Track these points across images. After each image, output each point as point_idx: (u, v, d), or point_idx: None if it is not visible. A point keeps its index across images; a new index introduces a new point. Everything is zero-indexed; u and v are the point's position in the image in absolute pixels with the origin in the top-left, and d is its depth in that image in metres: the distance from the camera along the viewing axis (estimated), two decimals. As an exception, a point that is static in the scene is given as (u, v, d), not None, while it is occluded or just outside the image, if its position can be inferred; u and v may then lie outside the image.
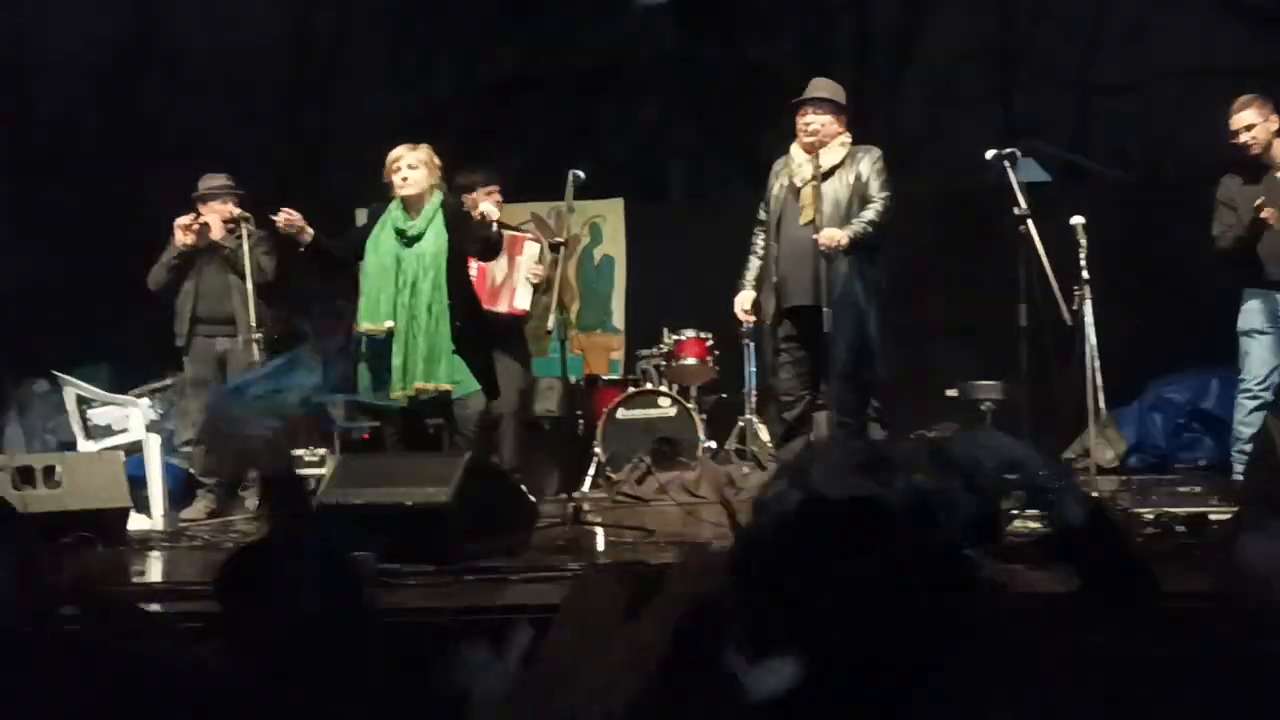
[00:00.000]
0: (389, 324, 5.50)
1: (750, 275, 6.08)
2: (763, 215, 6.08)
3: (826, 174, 5.81)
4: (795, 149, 5.99)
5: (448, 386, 5.50)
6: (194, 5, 10.33)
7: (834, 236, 5.55)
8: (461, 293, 5.66)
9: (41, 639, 2.11)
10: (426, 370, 5.46)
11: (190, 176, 6.68)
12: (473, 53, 12.52)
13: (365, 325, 5.58)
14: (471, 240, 5.65)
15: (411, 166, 5.61)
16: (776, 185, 6.00)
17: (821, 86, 6.03)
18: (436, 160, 5.70)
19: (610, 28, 12.73)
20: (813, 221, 5.70)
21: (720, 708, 1.55)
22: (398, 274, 5.54)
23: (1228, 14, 11.11)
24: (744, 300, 6.08)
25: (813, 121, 5.87)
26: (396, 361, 5.49)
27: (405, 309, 5.51)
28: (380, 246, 5.62)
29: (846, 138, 5.95)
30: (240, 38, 10.42)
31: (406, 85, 12.09)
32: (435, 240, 5.58)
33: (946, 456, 2.33)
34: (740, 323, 6.31)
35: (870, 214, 5.72)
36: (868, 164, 5.85)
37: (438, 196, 5.67)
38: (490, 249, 5.81)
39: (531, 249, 6.66)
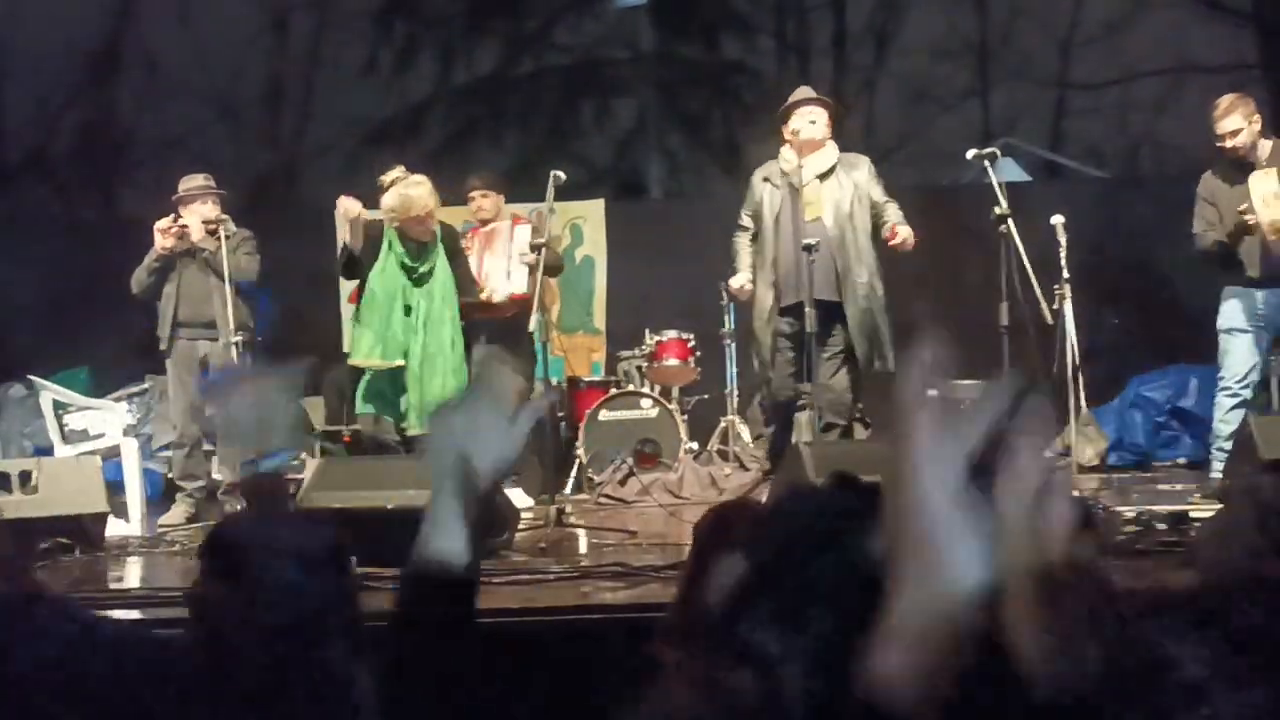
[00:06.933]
0: (399, 363, 5.46)
1: (746, 262, 6.07)
2: (746, 220, 6.09)
3: (825, 174, 5.87)
4: (788, 152, 6.00)
5: None
6: (170, 7, 10.27)
7: (905, 237, 5.78)
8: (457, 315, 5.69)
9: None
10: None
11: (168, 178, 6.61)
12: (451, 53, 12.49)
13: (374, 360, 5.49)
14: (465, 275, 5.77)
15: (437, 209, 5.52)
16: (767, 188, 6.00)
17: (810, 90, 6.07)
18: None
19: (588, 27, 12.72)
20: (819, 219, 5.78)
21: None
22: (411, 313, 5.49)
23: (1204, 12, 11.18)
24: (741, 279, 6.05)
25: (817, 120, 5.90)
26: (413, 399, 5.45)
27: (419, 347, 5.46)
28: (388, 282, 5.53)
29: (833, 144, 6.00)
30: (217, 39, 10.37)
31: (385, 86, 12.05)
32: (444, 277, 5.55)
33: None
34: (735, 296, 6.30)
35: (898, 211, 5.92)
36: (865, 172, 5.94)
37: (437, 227, 5.61)
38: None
39: (523, 232, 6.46)
